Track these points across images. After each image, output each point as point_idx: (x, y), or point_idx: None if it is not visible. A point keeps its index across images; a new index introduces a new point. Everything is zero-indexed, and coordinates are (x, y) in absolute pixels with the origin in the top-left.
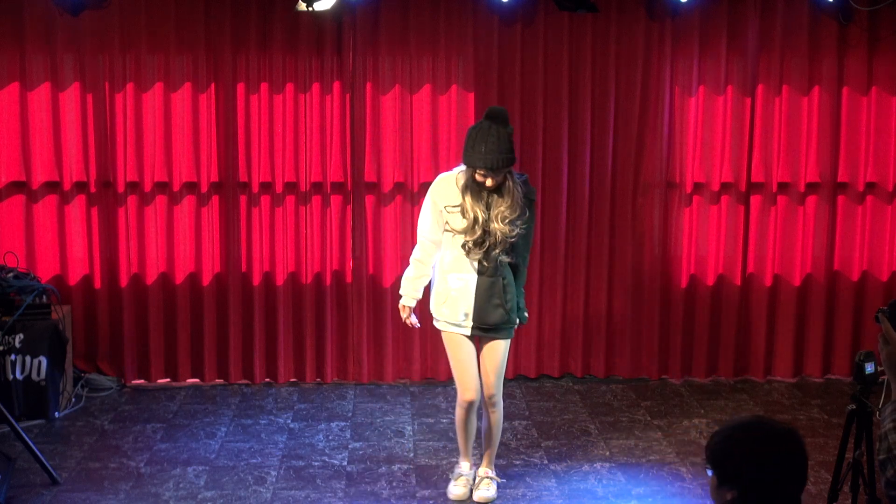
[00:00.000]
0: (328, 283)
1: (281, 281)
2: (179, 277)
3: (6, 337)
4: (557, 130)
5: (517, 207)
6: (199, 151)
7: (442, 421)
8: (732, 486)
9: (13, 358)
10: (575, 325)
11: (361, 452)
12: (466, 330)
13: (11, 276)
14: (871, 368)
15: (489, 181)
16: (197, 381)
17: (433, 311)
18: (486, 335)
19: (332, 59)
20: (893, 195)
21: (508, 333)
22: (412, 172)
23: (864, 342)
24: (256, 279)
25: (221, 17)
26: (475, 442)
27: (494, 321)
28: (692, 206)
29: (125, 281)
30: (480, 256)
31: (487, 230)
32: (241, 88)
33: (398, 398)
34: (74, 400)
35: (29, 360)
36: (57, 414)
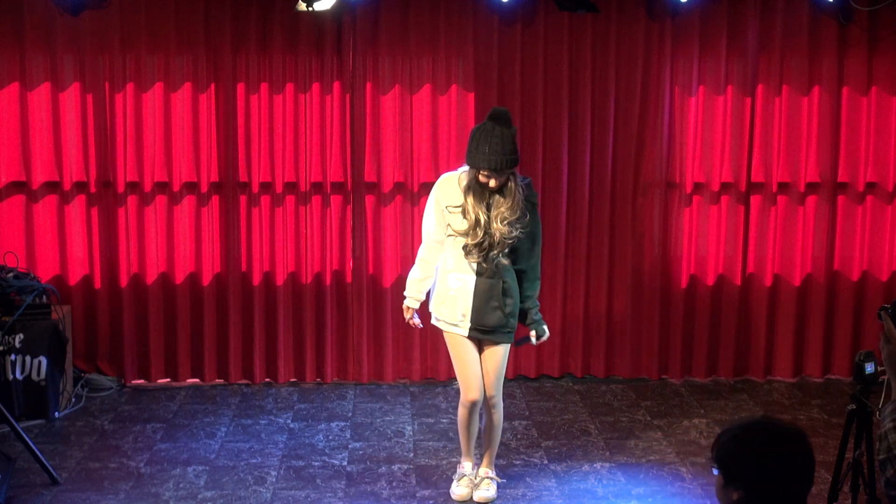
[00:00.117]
0: (328, 283)
1: (281, 281)
2: (179, 277)
3: (6, 337)
4: (557, 130)
5: (517, 209)
6: (199, 151)
7: (442, 421)
8: (738, 486)
9: (13, 358)
10: (575, 325)
11: (361, 452)
12: (464, 330)
13: (11, 276)
14: (871, 368)
15: (492, 182)
16: (197, 381)
17: (432, 309)
18: (484, 337)
19: (332, 59)
20: (893, 195)
21: (507, 338)
22: (412, 172)
23: (864, 342)
24: (256, 279)
25: (221, 17)
26: (476, 442)
27: (492, 324)
28: (692, 206)
29: (125, 281)
30: (479, 258)
31: (488, 231)
32: (241, 88)
33: (398, 398)
34: (74, 400)
35: (29, 360)
36: (57, 414)
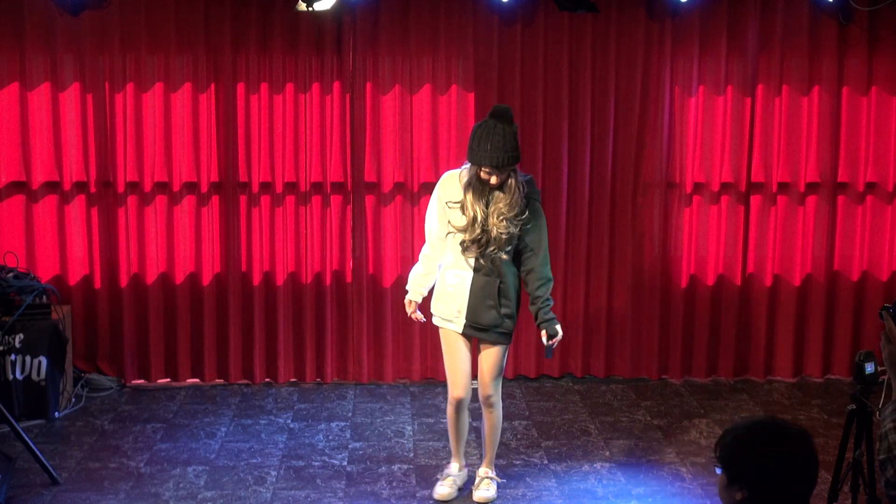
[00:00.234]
0: (328, 283)
1: (281, 281)
2: (179, 277)
3: (6, 337)
4: (557, 130)
5: (515, 206)
6: (199, 151)
7: (442, 421)
8: (741, 485)
9: (13, 358)
10: (575, 325)
11: (361, 452)
12: (458, 327)
13: (11, 276)
14: (871, 368)
15: (494, 179)
16: (197, 381)
17: (431, 306)
18: (478, 335)
19: (331, 59)
20: (893, 195)
21: (504, 339)
22: (412, 172)
23: (864, 342)
24: (256, 279)
25: (221, 17)
26: (476, 442)
27: (486, 322)
28: (692, 206)
29: (125, 281)
30: (476, 254)
31: (486, 228)
32: (241, 88)
33: (398, 398)
34: (74, 400)
35: (29, 360)
36: (57, 414)
